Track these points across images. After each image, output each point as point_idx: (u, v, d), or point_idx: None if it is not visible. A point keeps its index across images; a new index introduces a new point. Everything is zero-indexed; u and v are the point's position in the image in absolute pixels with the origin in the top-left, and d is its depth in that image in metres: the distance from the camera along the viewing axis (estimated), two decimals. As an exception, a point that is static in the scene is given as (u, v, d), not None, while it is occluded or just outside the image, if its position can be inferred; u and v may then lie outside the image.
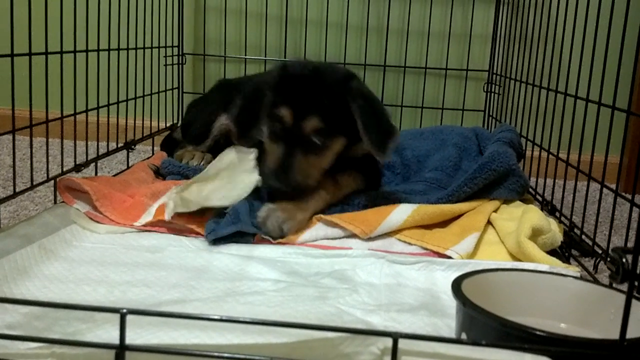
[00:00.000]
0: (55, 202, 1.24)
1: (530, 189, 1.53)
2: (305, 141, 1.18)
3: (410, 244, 1.15)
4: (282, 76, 1.23)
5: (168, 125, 1.94)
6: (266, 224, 1.13)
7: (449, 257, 1.09)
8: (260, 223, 1.13)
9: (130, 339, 0.58)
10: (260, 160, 1.27)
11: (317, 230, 1.17)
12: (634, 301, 0.65)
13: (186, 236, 1.15)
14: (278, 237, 1.13)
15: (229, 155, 1.34)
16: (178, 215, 1.18)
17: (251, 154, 1.29)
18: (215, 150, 1.62)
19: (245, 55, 2.11)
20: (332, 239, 1.16)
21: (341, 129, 1.20)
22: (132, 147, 1.65)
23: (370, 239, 1.16)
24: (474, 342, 0.59)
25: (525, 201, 1.42)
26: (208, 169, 1.34)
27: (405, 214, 1.19)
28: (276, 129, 1.20)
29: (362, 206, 1.27)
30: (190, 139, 1.65)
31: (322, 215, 1.20)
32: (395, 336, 0.54)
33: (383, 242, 1.16)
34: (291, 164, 1.16)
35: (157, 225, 1.18)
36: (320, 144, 1.18)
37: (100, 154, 1.46)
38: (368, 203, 1.27)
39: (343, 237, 1.16)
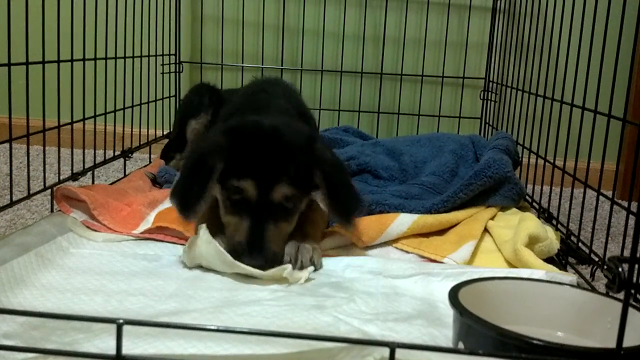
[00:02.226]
0: (52, 211, 1.24)
1: (527, 197, 1.53)
2: (274, 210, 1.04)
3: (407, 252, 1.15)
4: (233, 141, 1.06)
5: (165, 133, 1.94)
6: (298, 259, 1.05)
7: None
8: (291, 261, 1.04)
9: (127, 349, 0.58)
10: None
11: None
12: (631, 310, 0.65)
13: (183, 245, 1.15)
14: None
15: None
16: (177, 221, 1.18)
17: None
18: None
19: (243, 64, 2.11)
20: (331, 248, 1.16)
21: (306, 189, 1.09)
22: (129, 155, 1.65)
23: (367, 247, 1.16)
24: (471, 351, 0.59)
25: (522, 209, 1.43)
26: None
27: (405, 225, 1.19)
28: (237, 201, 1.05)
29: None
30: (174, 148, 1.68)
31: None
32: (393, 346, 0.54)
33: (380, 251, 1.16)
34: (264, 237, 1.02)
35: (155, 232, 1.18)
36: (290, 208, 1.06)
37: (97, 162, 1.45)
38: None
39: (341, 247, 1.16)
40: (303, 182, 1.06)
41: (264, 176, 1.03)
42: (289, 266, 0.96)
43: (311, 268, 1.01)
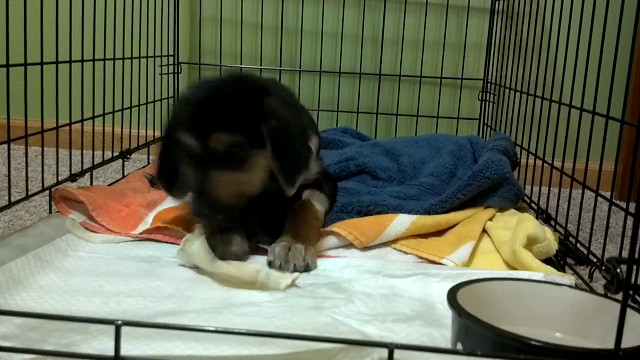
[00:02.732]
0: (50, 212, 1.24)
1: (526, 198, 1.53)
2: (222, 159, 1.04)
3: (406, 253, 1.15)
4: (185, 105, 1.08)
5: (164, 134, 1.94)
6: (290, 262, 1.03)
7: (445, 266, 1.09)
8: (281, 263, 1.03)
9: (125, 351, 0.58)
10: None
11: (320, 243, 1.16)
12: (629, 311, 0.65)
13: (182, 246, 1.15)
14: (303, 271, 1.04)
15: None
16: (176, 222, 1.18)
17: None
18: None
19: (241, 65, 2.11)
20: (329, 249, 1.15)
21: (257, 140, 1.06)
22: (128, 156, 1.65)
23: (366, 248, 1.16)
24: (469, 352, 0.59)
25: (520, 210, 1.43)
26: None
27: (404, 226, 1.19)
28: (189, 157, 1.07)
29: (356, 213, 1.27)
30: None
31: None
32: (391, 347, 0.54)
33: (379, 252, 1.16)
34: (208, 184, 1.02)
35: (153, 233, 1.18)
36: (239, 156, 1.05)
37: (95, 163, 1.45)
38: (361, 210, 1.27)
39: (339, 248, 1.16)
40: (250, 132, 1.04)
41: (202, 128, 1.03)
42: (267, 269, 0.94)
43: (297, 274, 0.98)
